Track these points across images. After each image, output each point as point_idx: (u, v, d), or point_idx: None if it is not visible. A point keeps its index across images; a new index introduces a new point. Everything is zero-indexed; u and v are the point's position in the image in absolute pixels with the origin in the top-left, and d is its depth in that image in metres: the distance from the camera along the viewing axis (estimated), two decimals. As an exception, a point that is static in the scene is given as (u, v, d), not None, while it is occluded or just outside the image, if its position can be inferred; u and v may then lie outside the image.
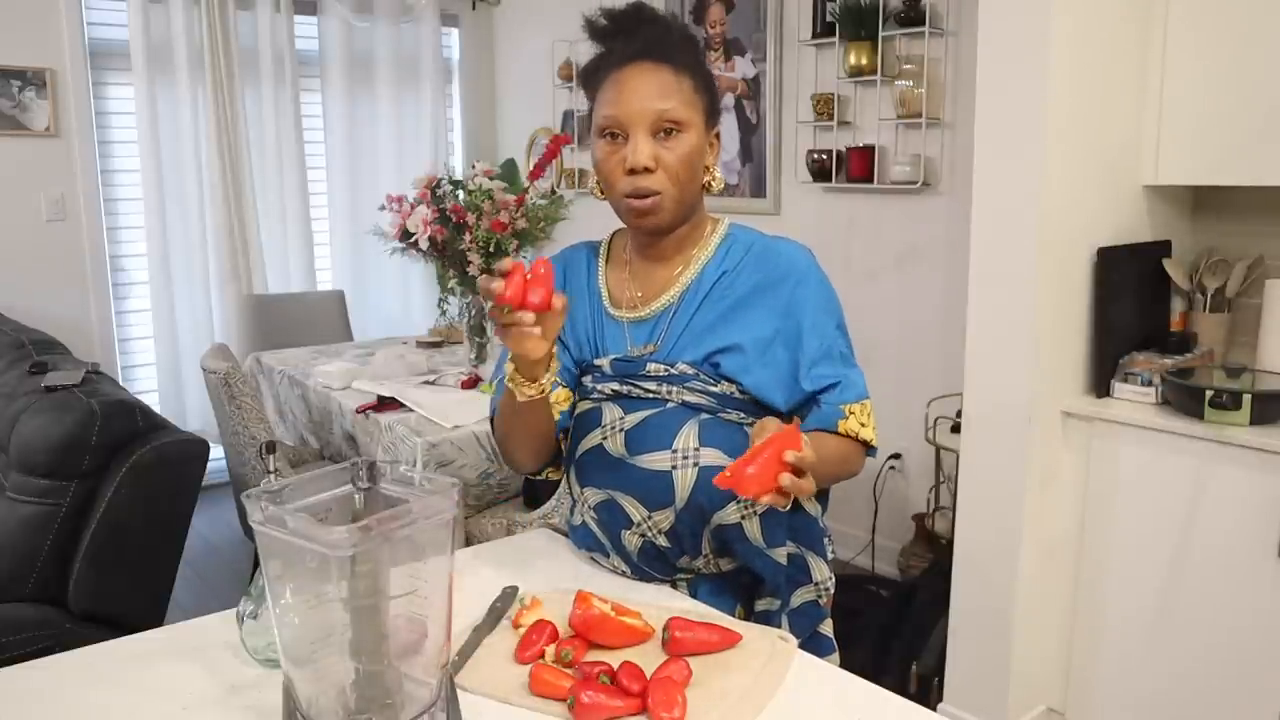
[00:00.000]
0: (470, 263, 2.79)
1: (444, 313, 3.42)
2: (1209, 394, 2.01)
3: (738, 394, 1.24)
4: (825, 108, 3.28)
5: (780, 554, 1.25)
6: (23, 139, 3.77)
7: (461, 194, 2.87)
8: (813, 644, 1.30)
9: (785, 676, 1.03)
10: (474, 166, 2.90)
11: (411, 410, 2.59)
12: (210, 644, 1.11)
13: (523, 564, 1.35)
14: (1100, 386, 2.26)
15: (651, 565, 1.28)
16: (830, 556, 1.35)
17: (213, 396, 2.80)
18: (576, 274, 1.38)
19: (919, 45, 3.00)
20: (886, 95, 3.13)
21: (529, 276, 1.03)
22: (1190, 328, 2.37)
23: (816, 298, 1.26)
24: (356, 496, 0.89)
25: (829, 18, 3.20)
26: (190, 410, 4.17)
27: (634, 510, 1.24)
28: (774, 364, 1.24)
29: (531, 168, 3.06)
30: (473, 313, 2.98)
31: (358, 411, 2.64)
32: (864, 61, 3.10)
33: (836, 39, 3.19)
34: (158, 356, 4.14)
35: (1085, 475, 2.25)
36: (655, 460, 1.22)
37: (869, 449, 1.28)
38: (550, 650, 1.05)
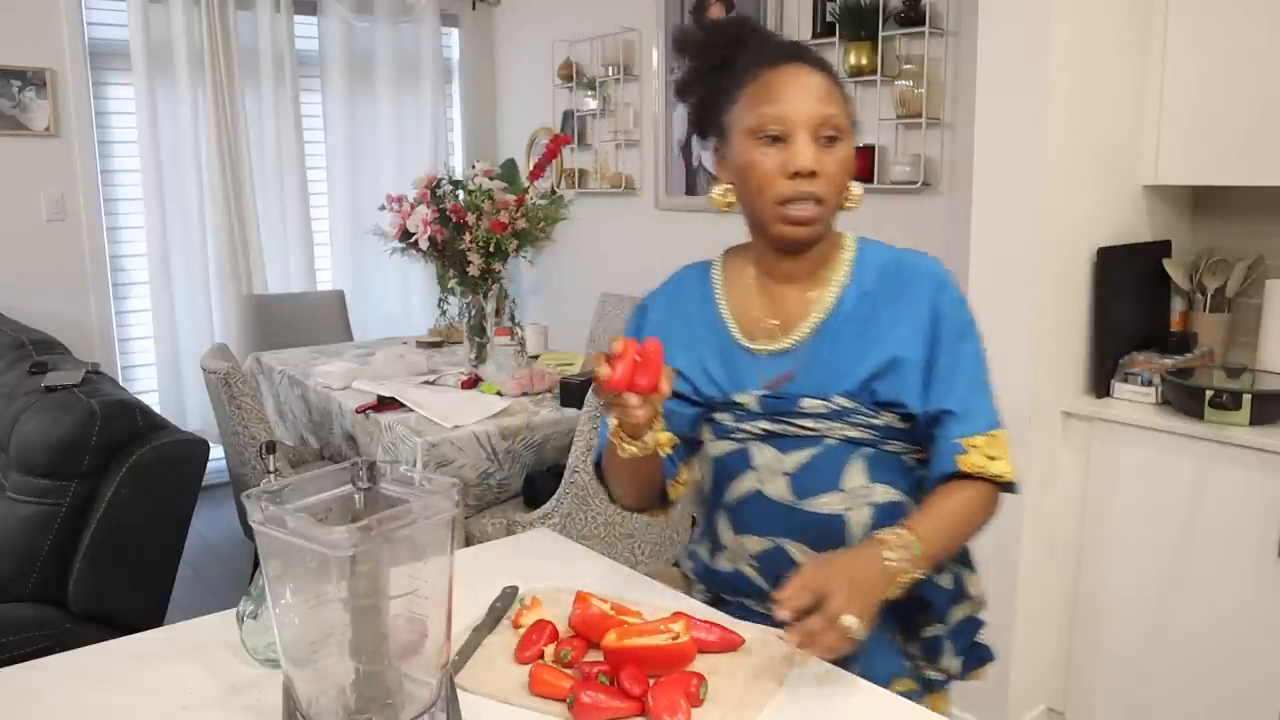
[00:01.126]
0: (470, 263, 2.79)
1: (444, 313, 3.42)
2: (1209, 394, 2.00)
3: (898, 423, 1.17)
4: (825, 108, 3.28)
5: (945, 579, 1.21)
6: (23, 139, 3.77)
7: (461, 194, 2.87)
8: (973, 655, 1.26)
9: (785, 676, 1.03)
10: (474, 166, 2.90)
11: (411, 410, 2.59)
12: (210, 644, 1.11)
13: (523, 564, 1.35)
14: (1100, 386, 2.26)
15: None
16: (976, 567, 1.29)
17: (213, 396, 2.80)
18: (688, 303, 1.28)
19: (919, 45, 3.00)
20: (886, 95, 3.13)
21: (638, 358, 1.02)
22: (1190, 328, 2.37)
23: (950, 307, 1.18)
24: (356, 496, 0.89)
25: (829, 18, 3.20)
26: (190, 410, 4.17)
27: (803, 555, 1.17)
28: (923, 379, 1.16)
29: (531, 168, 3.06)
30: (473, 313, 2.99)
31: (358, 411, 2.64)
32: (864, 61, 3.10)
33: (836, 39, 3.19)
34: (158, 356, 4.14)
35: (1085, 475, 2.25)
36: (826, 503, 1.16)
37: (1006, 487, 1.18)
38: (550, 650, 1.05)
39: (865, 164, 3.18)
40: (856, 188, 1.20)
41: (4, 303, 3.71)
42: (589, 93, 4.30)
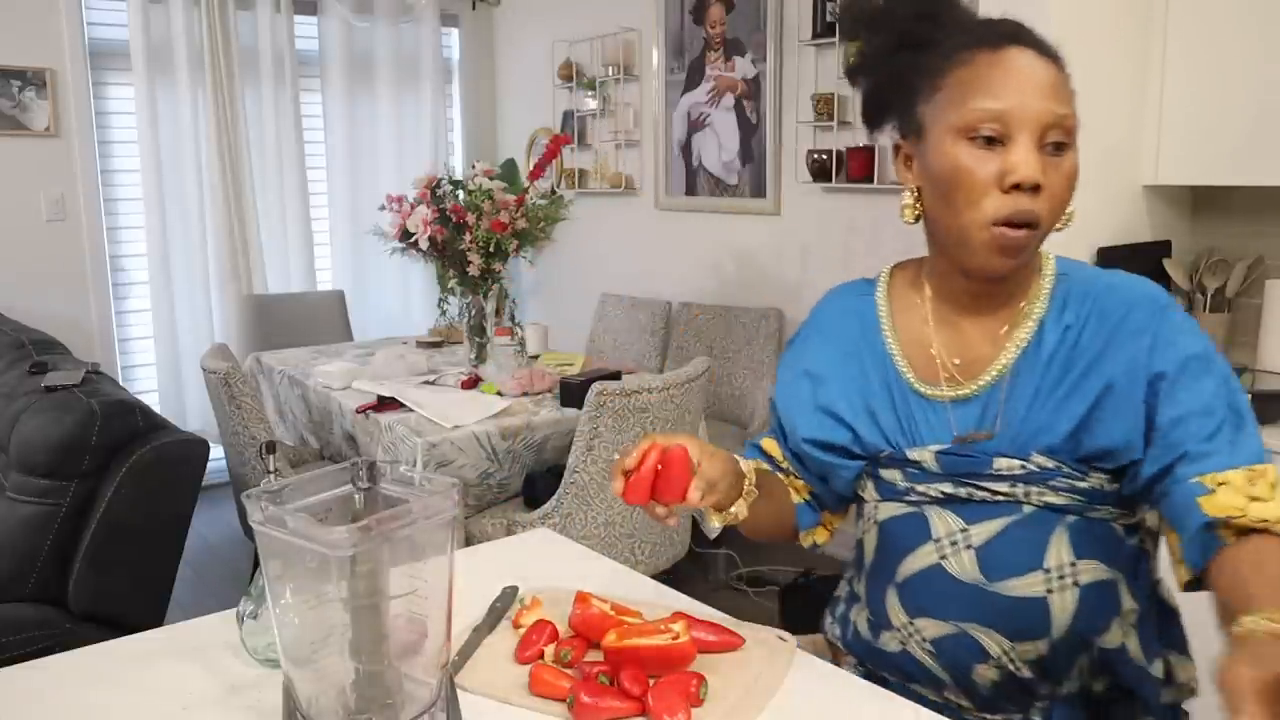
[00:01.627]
0: (470, 263, 2.79)
1: (444, 313, 3.42)
2: (1209, 394, 2.00)
3: (1107, 484, 0.98)
4: (825, 108, 3.28)
5: (1158, 667, 1.03)
6: (23, 139, 3.77)
7: (461, 194, 2.87)
8: None
9: (785, 676, 1.03)
10: (474, 166, 2.90)
11: (411, 410, 2.59)
12: (210, 644, 1.11)
13: (523, 564, 1.35)
14: (1100, 386, 2.26)
15: (1007, 696, 1.03)
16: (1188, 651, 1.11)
17: (213, 396, 2.80)
18: (846, 334, 1.10)
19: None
20: (886, 95, 3.13)
21: (660, 467, 0.93)
22: (1190, 328, 2.37)
23: (1175, 336, 0.96)
24: (356, 496, 0.89)
25: (829, 18, 3.20)
26: (190, 410, 4.17)
27: (992, 643, 0.99)
28: (1144, 430, 0.95)
29: (531, 168, 3.06)
30: (473, 313, 2.99)
31: (358, 411, 2.64)
32: (864, 61, 3.10)
33: (836, 39, 3.19)
34: (158, 356, 4.14)
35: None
36: (1024, 585, 0.97)
37: None
38: (550, 650, 1.05)
39: (865, 164, 3.19)
40: (1071, 206, 0.99)
41: (4, 303, 3.71)
42: (589, 93, 4.30)
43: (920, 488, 1.02)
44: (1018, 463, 0.98)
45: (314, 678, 0.84)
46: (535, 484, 2.56)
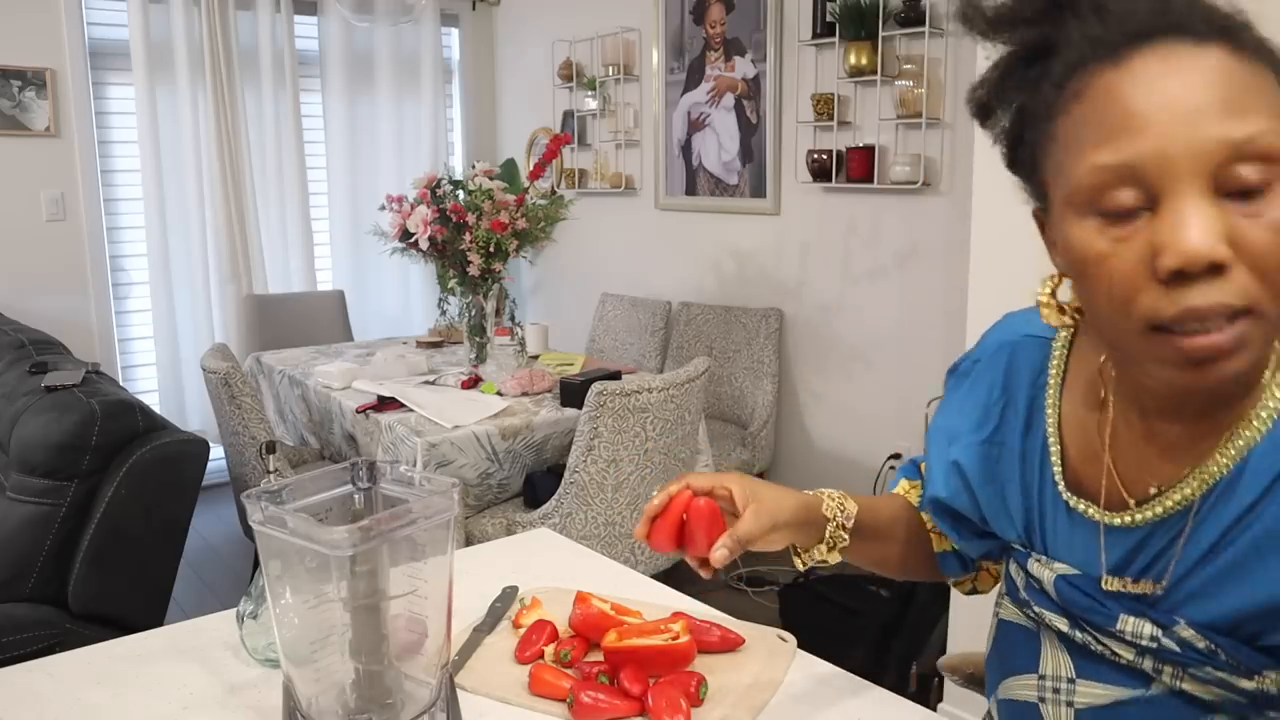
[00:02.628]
0: (470, 263, 2.79)
1: (444, 313, 3.42)
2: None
3: None
4: (825, 108, 3.28)
5: None
6: (23, 139, 3.77)
7: (461, 194, 2.87)
8: None
9: (785, 676, 1.03)
10: (474, 166, 2.90)
11: (411, 410, 2.59)
12: (210, 644, 1.11)
13: (523, 564, 1.35)
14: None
15: None
16: None
17: (213, 396, 2.80)
18: (1011, 385, 0.84)
19: (919, 45, 3.00)
20: (886, 95, 3.13)
21: (685, 518, 0.84)
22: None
23: None
24: (356, 496, 0.89)
25: (829, 18, 3.20)
26: (190, 410, 4.17)
27: None
28: None
29: (531, 168, 3.06)
30: (473, 313, 2.99)
31: (358, 411, 2.64)
32: (864, 61, 3.10)
33: (836, 39, 3.19)
34: (158, 356, 4.14)
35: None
36: None
37: None
38: (550, 650, 1.05)
39: (865, 164, 3.19)
40: None
41: (4, 303, 3.71)
42: (589, 93, 4.30)
43: (1038, 609, 0.80)
44: (1150, 630, 0.71)
45: (314, 678, 0.84)
46: (535, 484, 2.56)
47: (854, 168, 3.22)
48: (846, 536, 0.88)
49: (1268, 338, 0.61)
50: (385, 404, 2.65)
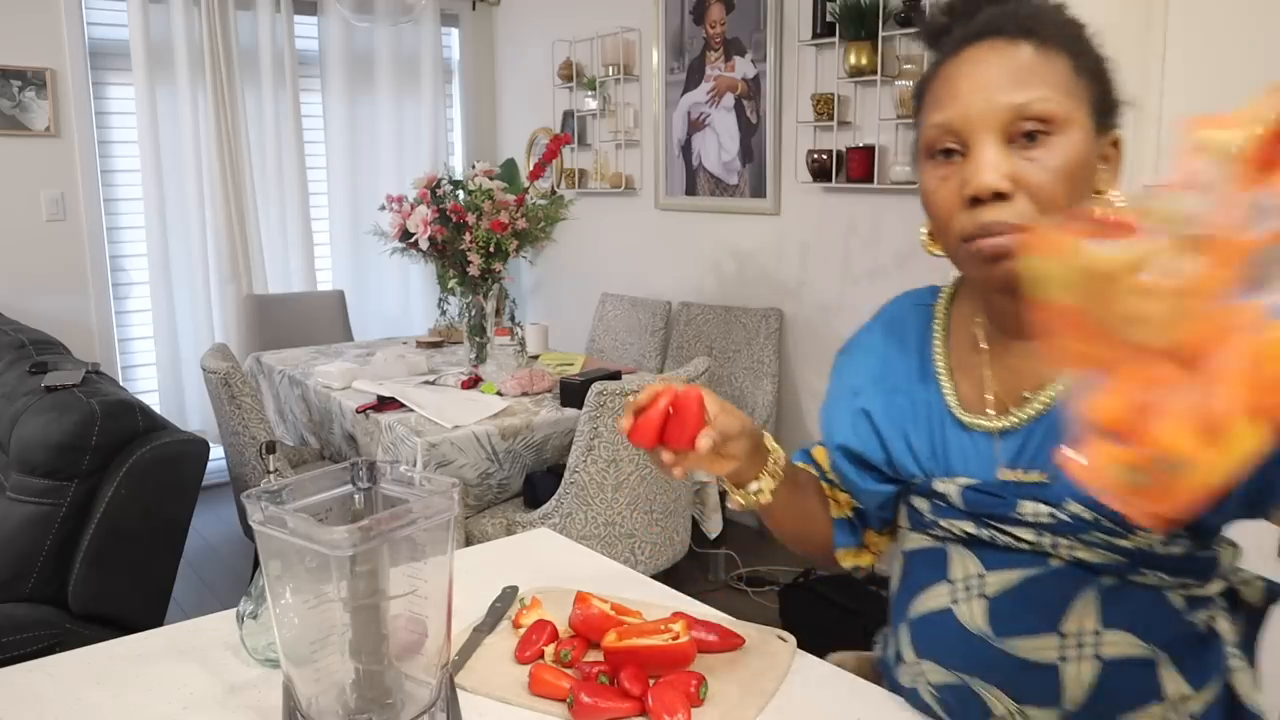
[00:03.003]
0: (470, 263, 2.79)
1: (444, 313, 3.42)
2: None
3: (1162, 547, 0.84)
4: (825, 108, 3.28)
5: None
6: (23, 139, 3.77)
7: (461, 194, 2.87)
8: None
9: (785, 676, 1.03)
10: (474, 166, 2.90)
11: (411, 410, 2.59)
12: (210, 644, 1.11)
13: (523, 564, 1.35)
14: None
15: None
16: None
17: (213, 396, 2.80)
18: (903, 346, 1.01)
19: (919, 45, 3.01)
20: (886, 95, 3.13)
21: (671, 410, 0.89)
22: (1190, 328, 2.37)
23: None
24: (356, 496, 0.89)
25: (829, 18, 3.21)
26: (190, 410, 4.17)
27: (997, 702, 0.89)
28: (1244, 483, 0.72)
29: (531, 168, 3.06)
30: (473, 313, 2.99)
31: (358, 411, 2.64)
32: (864, 61, 3.10)
33: (836, 39, 3.19)
34: (158, 356, 4.14)
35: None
36: (1034, 647, 0.86)
37: None
38: (550, 650, 1.05)
39: (865, 164, 3.19)
40: (1116, 194, 0.91)
41: (4, 303, 3.72)
42: (589, 93, 4.31)
43: (944, 523, 0.92)
44: (1046, 509, 0.85)
45: (314, 678, 0.84)
46: (535, 484, 2.56)
47: (854, 168, 3.22)
48: (782, 474, 0.99)
49: None
50: (385, 404, 2.65)
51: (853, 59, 3.12)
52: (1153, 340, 0.58)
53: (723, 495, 1.02)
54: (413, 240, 2.80)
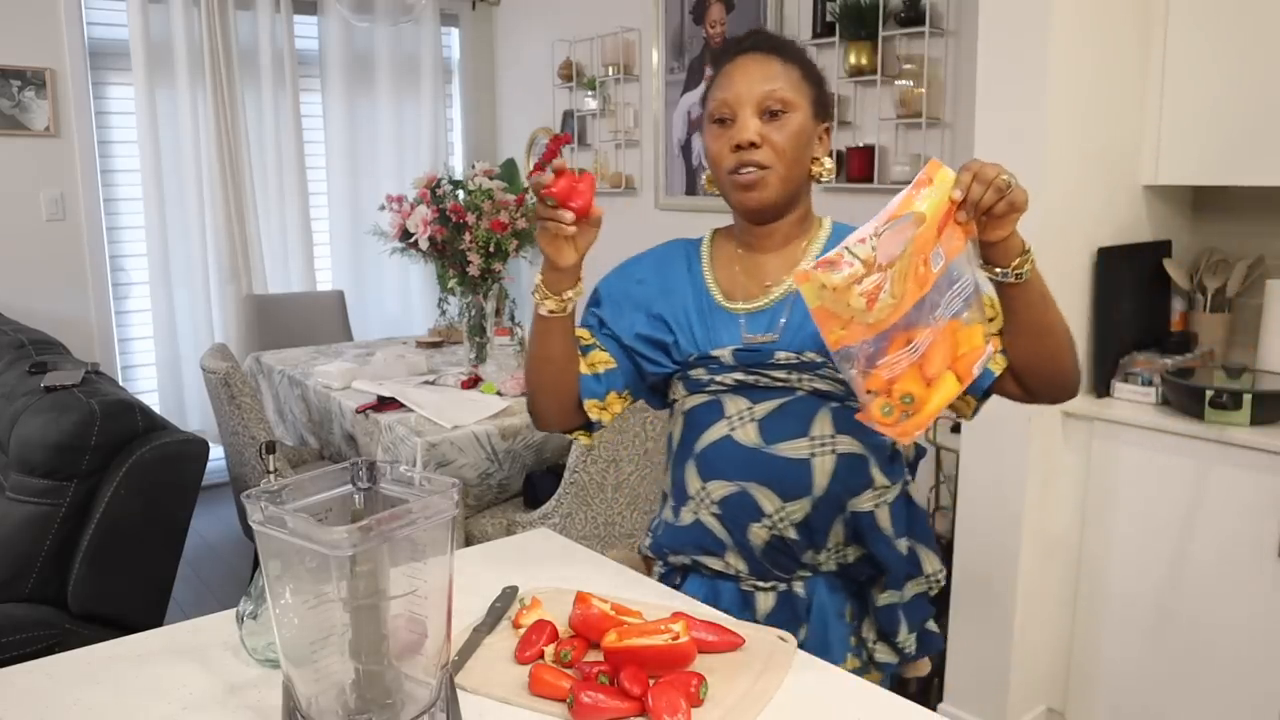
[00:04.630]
0: (470, 263, 2.79)
1: (444, 313, 3.42)
2: (1209, 394, 2.00)
3: None
4: (825, 108, 3.28)
5: (903, 545, 1.27)
6: (23, 139, 3.77)
7: (461, 194, 2.87)
8: (924, 641, 1.33)
9: (785, 676, 1.03)
10: (474, 166, 2.90)
11: (411, 410, 2.59)
12: (210, 644, 1.11)
13: (523, 564, 1.35)
14: (1100, 386, 2.26)
15: (775, 560, 1.27)
16: (939, 554, 1.35)
17: (213, 396, 2.80)
18: (674, 268, 1.36)
19: (919, 45, 3.00)
20: (886, 95, 3.13)
21: (576, 183, 1.13)
22: (1190, 328, 2.37)
23: None
24: (356, 496, 0.89)
25: (829, 18, 3.20)
26: (190, 410, 4.17)
27: (767, 501, 1.24)
28: None
29: (531, 168, 3.06)
30: (473, 313, 2.99)
31: (358, 411, 2.64)
32: (864, 61, 3.10)
33: (836, 39, 3.19)
34: (158, 356, 4.14)
35: (1085, 475, 2.25)
36: (793, 448, 1.22)
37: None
38: (550, 650, 1.05)
39: (865, 164, 3.19)
40: (828, 162, 1.31)
41: (4, 303, 3.72)
42: (589, 93, 4.30)
43: (719, 379, 1.27)
44: (793, 355, 1.23)
45: (314, 678, 0.84)
46: (535, 484, 2.56)
47: (854, 167, 3.22)
48: (571, 294, 1.22)
49: (781, 183, 1.25)
50: (385, 404, 2.65)
51: (853, 59, 3.12)
52: (870, 321, 0.99)
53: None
54: (413, 240, 2.80)
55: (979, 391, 1.25)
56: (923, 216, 0.99)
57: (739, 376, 1.26)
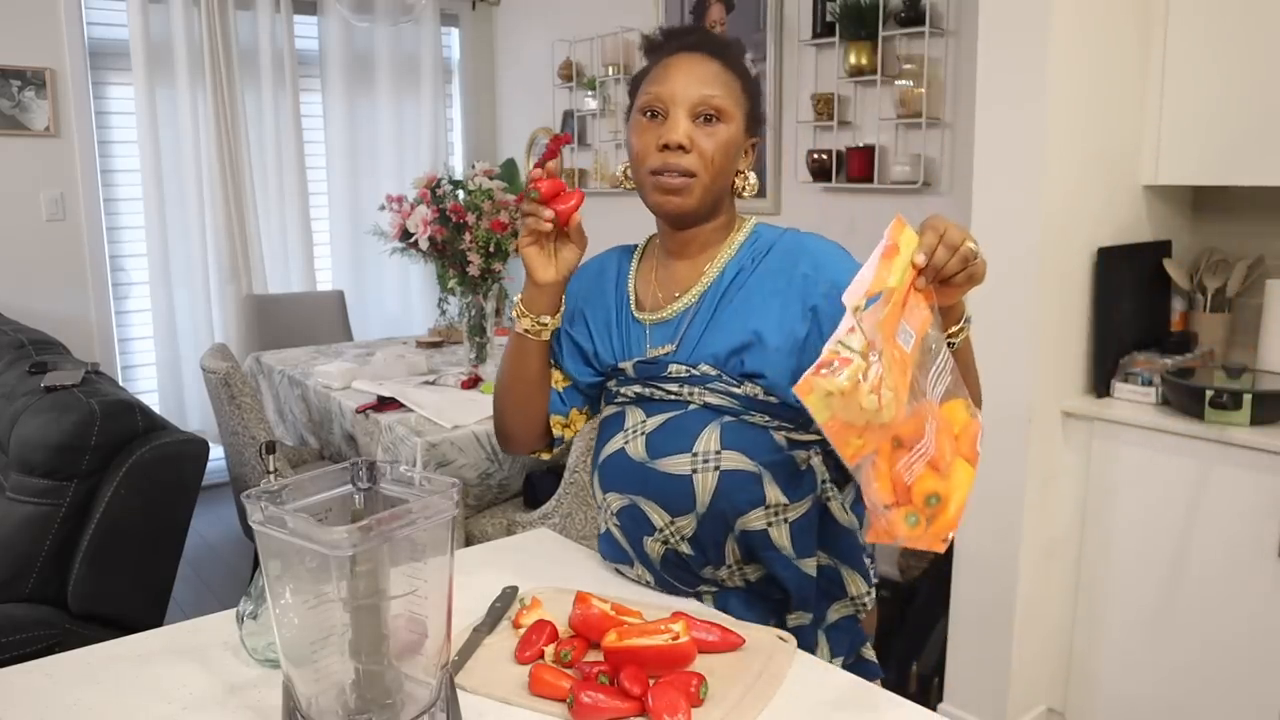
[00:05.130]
0: (470, 263, 2.79)
1: (444, 313, 3.41)
2: (1209, 394, 2.00)
3: (762, 395, 1.18)
4: (825, 108, 3.28)
5: (809, 564, 1.20)
6: (23, 139, 3.77)
7: (461, 194, 2.87)
8: (859, 670, 1.19)
9: (785, 676, 1.03)
10: (474, 166, 2.90)
11: (411, 410, 2.59)
12: (210, 644, 1.11)
13: (523, 564, 1.35)
14: (1100, 386, 2.26)
15: (675, 575, 1.25)
16: (873, 575, 1.27)
17: (213, 396, 2.79)
18: (608, 277, 1.35)
19: (919, 45, 3.00)
20: (886, 95, 3.13)
21: (566, 191, 1.17)
22: (1190, 328, 2.37)
23: (831, 265, 1.19)
24: (356, 496, 0.89)
25: (829, 18, 3.20)
26: (190, 410, 4.17)
27: (655, 516, 1.22)
28: (796, 354, 1.17)
29: (531, 168, 3.06)
30: (473, 313, 2.99)
31: (358, 411, 2.64)
32: (864, 61, 3.10)
33: (836, 39, 3.19)
34: (158, 356, 4.14)
35: (1085, 475, 2.25)
36: (675, 464, 1.19)
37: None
38: (550, 650, 1.05)
39: (865, 164, 3.19)
40: (752, 177, 1.27)
41: (4, 303, 3.71)
42: (589, 93, 4.30)
43: (624, 390, 1.27)
44: (685, 368, 1.21)
45: (314, 678, 0.84)
46: (535, 484, 2.56)
47: (854, 167, 3.22)
48: (549, 320, 1.25)
49: (704, 192, 1.21)
50: (385, 404, 2.65)
51: (853, 59, 3.12)
52: (886, 421, 0.87)
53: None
54: (412, 240, 2.80)
55: None
56: (894, 292, 0.90)
57: (638, 389, 1.25)
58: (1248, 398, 1.97)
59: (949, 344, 1.05)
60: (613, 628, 1.02)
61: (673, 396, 1.22)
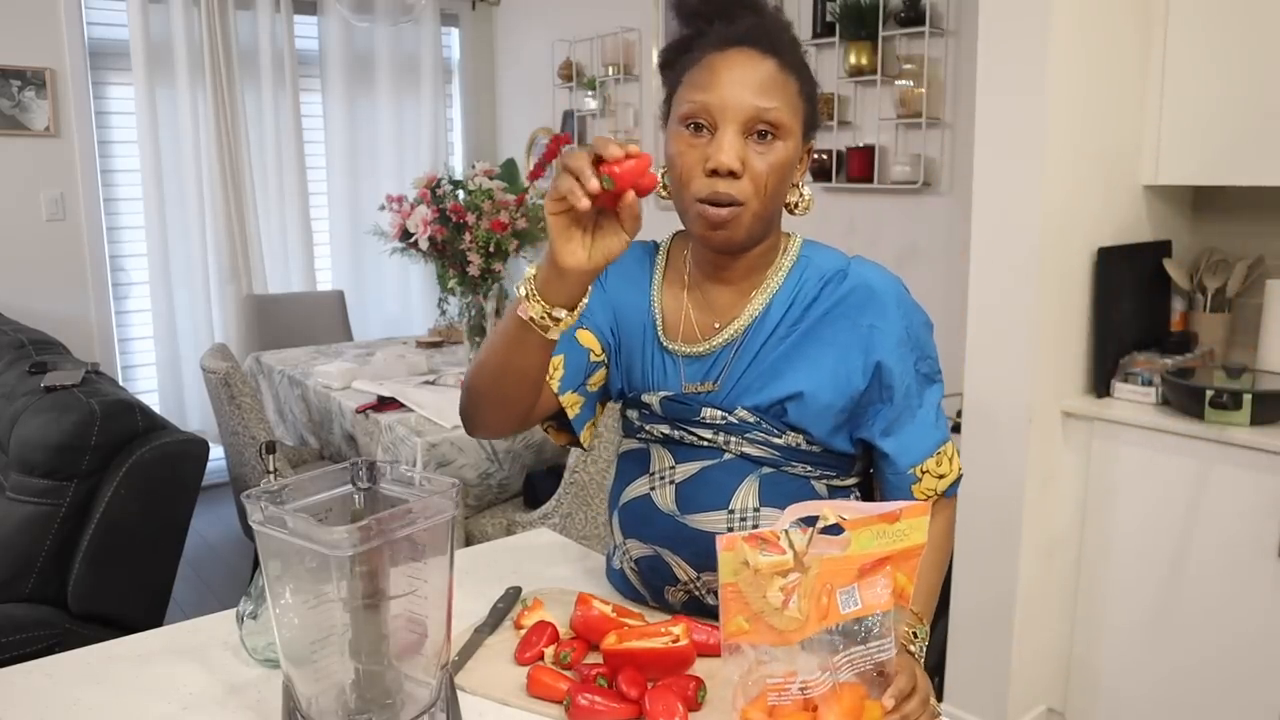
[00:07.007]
0: (470, 263, 2.79)
1: (444, 313, 3.42)
2: (1209, 394, 2.00)
3: (805, 444, 1.09)
4: (825, 108, 3.28)
5: None
6: (23, 139, 3.77)
7: (461, 194, 2.87)
8: None
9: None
10: (474, 166, 2.90)
11: (411, 410, 2.59)
12: (210, 644, 1.11)
13: (523, 564, 1.35)
14: (1100, 386, 2.26)
15: (693, 614, 1.16)
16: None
17: (213, 396, 2.80)
18: (631, 281, 1.18)
19: (919, 45, 3.00)
20: (886, 95, 3.13)
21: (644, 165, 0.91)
22: (1190, 328, 2.37)
23: (896, 331, 1.08)
24: (356, 496, 0.89)
25: (829, 18, 3.20)
26: (190, 410, 4.17)
27: (681, 571, 1.13)
28: (848, 409, 1.09)
29: (531, 168, 3.06)
30: (473, 313, 2.99)
31: (358, 411, 2.64)
32: (864, 61, 3.10)
33: (836, 39, 3.19)
34: (158, 356, 4.14)
35: (1085, 475, 2.25)
36: (709, 521, 1.09)
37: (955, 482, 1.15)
38: (550, 651, 1.05)
39: (865, 164, 3.19)
40: (806, 190, 1.11)
41: (4, 303, 3.71)
42: (589, 93, 4.30)
43: (648, 428, 1.15)
44: (721, 414, 1.10)
45: (314, 678, 0.84)
46: (535, 484, 2.56)
47: (854, 167, 3.22)
48: (564, 316, 0.95)
49: (755, 220, 1.04)
50: (385, 404, 2.65)
51: (853, 59, 3.12)
52: (779, 627, 0.84)
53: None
54: (413, 240, 2.80)
55: None
56: (854, 548, 0.85)
57: (665, 430, 1.13)
58: (1248, 398, 1.97)
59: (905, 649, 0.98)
60: (613, 630, 1.02)
61: (704, 443, 1.11)
